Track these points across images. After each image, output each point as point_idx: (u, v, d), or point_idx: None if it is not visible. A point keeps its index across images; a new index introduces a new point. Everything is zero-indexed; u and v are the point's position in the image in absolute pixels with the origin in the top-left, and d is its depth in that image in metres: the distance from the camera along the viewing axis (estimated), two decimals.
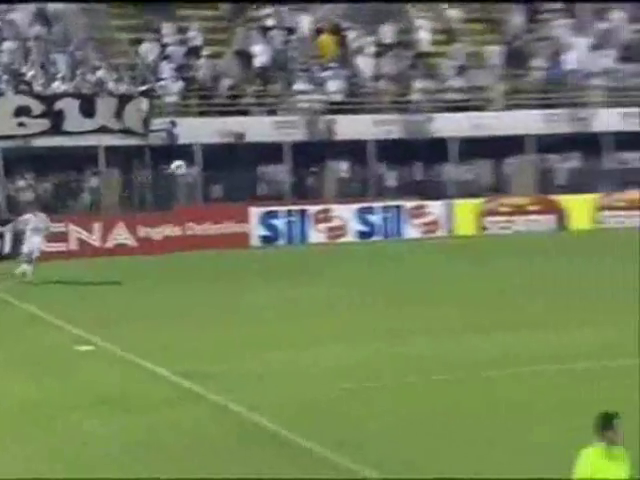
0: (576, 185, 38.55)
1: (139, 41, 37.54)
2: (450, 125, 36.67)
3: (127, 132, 33.86)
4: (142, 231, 33.71)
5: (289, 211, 35.33)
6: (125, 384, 16.44)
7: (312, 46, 39.20)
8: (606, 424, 7.94)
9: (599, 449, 7.92)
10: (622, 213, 37.59)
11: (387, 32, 39.84)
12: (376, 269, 29.27)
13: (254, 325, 20.85)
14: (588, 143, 38.24)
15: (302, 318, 21.45)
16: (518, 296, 23.76)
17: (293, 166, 36.33)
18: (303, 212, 35.29)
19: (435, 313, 21.59)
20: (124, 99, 34.25)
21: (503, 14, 42.12)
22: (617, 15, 42.41)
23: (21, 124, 32.82)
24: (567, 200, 37.47)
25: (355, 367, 17.09)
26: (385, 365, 17.27)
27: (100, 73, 35.37)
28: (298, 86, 37.64)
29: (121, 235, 33.59)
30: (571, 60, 40.06)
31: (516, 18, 41.79)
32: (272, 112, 36.90)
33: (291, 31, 39.55)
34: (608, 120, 38.15)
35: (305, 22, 39.76)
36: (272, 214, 35.14)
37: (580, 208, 37.37)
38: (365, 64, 38.64)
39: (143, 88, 34.99)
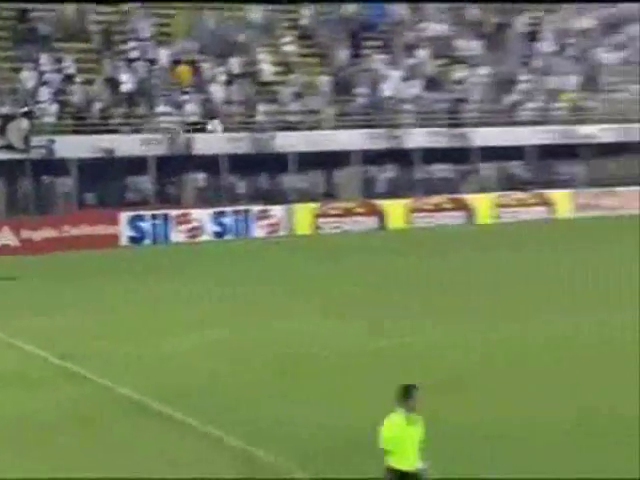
0: (393, 191, 38.92)
1: (20, 69, 36.21)
2: (289, 142, 36.62)
3: (10, 148, 33.05)
4: (24, 233, 32.72)
5: (153, 215, 34.69)
6: (12, 366, 15.78)
7: (171, 75, 38.50)
8: (406, 394, 7.96)
9: (400, 415, 7.95)
10: (430, 215, 38.15)
11: (235, 64, 39.50)
12: (229, 265, 28.83)
13: (125, 315, 20.22)
14: (402, 157, 38.73)
15: (166, 308, 20.84)
16: (347, 285, 23.69)
17: (157, 177, 35.73)
18: (166, 216, 34.72)
19: (281, 301, 21.33)
20: (7, 119, 33.33)
21: (331, 50, 42.16)
22: (422, 52, 42.98)
23: None
24: (386, 204, 37.77)
25: (213, 348, 16.69)
26: (239, 345, 16.92)
27: None
28: (160, 108, 36.93)
29: (5, 237, 32.47)
30: (387, 88, 40.43)
31: (342, 53, 41.90)
32: (138, 131, 36.03)
33: (153, 62, 38.86)
34: (417, 138, 38.65)
35: (164, 55, 39.07)
36: (139, 218, 34.51)
37: (396, 211, 37.72)
38: (217, 90, 38.19)
39: (24, 110, 33.92)
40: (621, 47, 46.99)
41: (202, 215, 35.17)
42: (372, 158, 38.12)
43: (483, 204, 38.88)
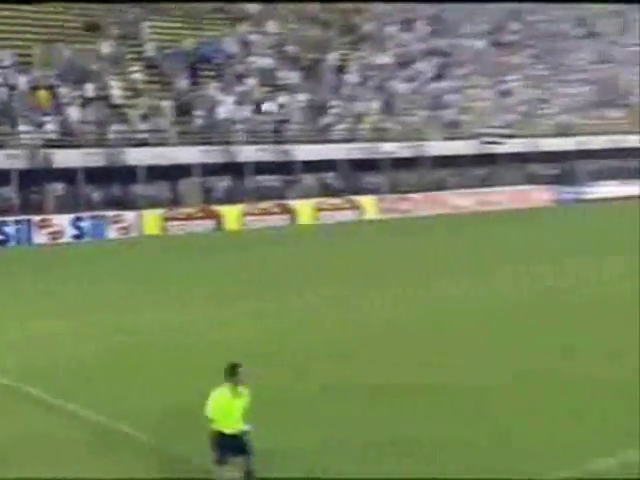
0: (228, 198, 38.67)
1: None
2: (138, 156, 35.69)
3: None
4: None
5: (17, 220, 33.10)
6: None
7: (32, 98, 36.80)
8: (232, 371, 7.95)
9: (226, 389, 7.94)
10: (261, 218, 38.11)
11: (89, 89, 38.19)
12: (86, 263, 27.66)
13: None
14: (235, 169, 38.53)
15: (25, 301, 19.76)
16: (190, 279, 23.19)
17: (20, 187, 34.04)
18: (29, 221, 33.16)
19: (130, 295, 20.59)
20: None
21: (172, 78, 41.46)
22: (251, 81, 42.94)
23: None
24: (223, 209, 37.46)
25: (63, 337, 15.80)
26: (87, 334, 16.12)
27: None
28: (21, 127, 35.22)
29: None
30: (222, 111, 40.12)
31: (182, 81, 41.31)
32: (1, 147, 34.20)
33: (13, 87, 37.05)
34: (248, 153, 38.53)
35: (24, 81, 37.34)
36: (4, 223, 32.81)
37: (231, 215, 37.47)
38: (73, 112, 36.80)
39: None
40: (411, 79, 48.55)
41: (62, 220, 33.78)
42: (210, 170, 37.73)
43: (305, 208, 39.18)
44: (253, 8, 48.90)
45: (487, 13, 58.29)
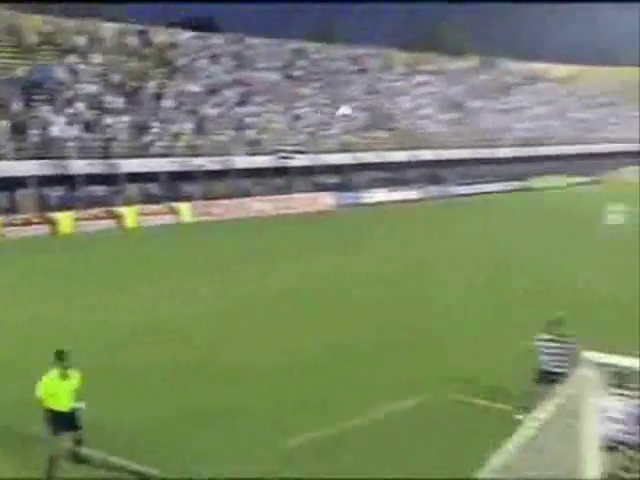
0: (62, 206, 37.12)
1: None
2: None
3: None
4: None
5: None
6: None
7: None
8: (60, 356, 7.84)
9: (55, 373, 7.82)
10: (92, 222, 36.85)
11: None
12: None
13: None
14: (68, 180, 37.19)
15: None
16: (27, 277, 22.51)
17: None
18: None
19: None
20: None
21: (7, 101, 39.12)
22: (80, 104, 41.44)
23: None
24: (57, 215, 36.01)
25: None
26: None
27: None
28: None
29: None
30: (54, 130, 38.56)
31: (16, 104, 39.18)
32: None
33: None
34: (79, 167, 37.42)
35: None
36: None
37: (65, 220, 36.14)
38: None
39: None
40: (219, 104, 48.83)
41: None
42: (45, 181, 36.24)
43: (130, 214, 38.47)
44: (80, 41, 47.22)
45: (279, 51, 59.70)
